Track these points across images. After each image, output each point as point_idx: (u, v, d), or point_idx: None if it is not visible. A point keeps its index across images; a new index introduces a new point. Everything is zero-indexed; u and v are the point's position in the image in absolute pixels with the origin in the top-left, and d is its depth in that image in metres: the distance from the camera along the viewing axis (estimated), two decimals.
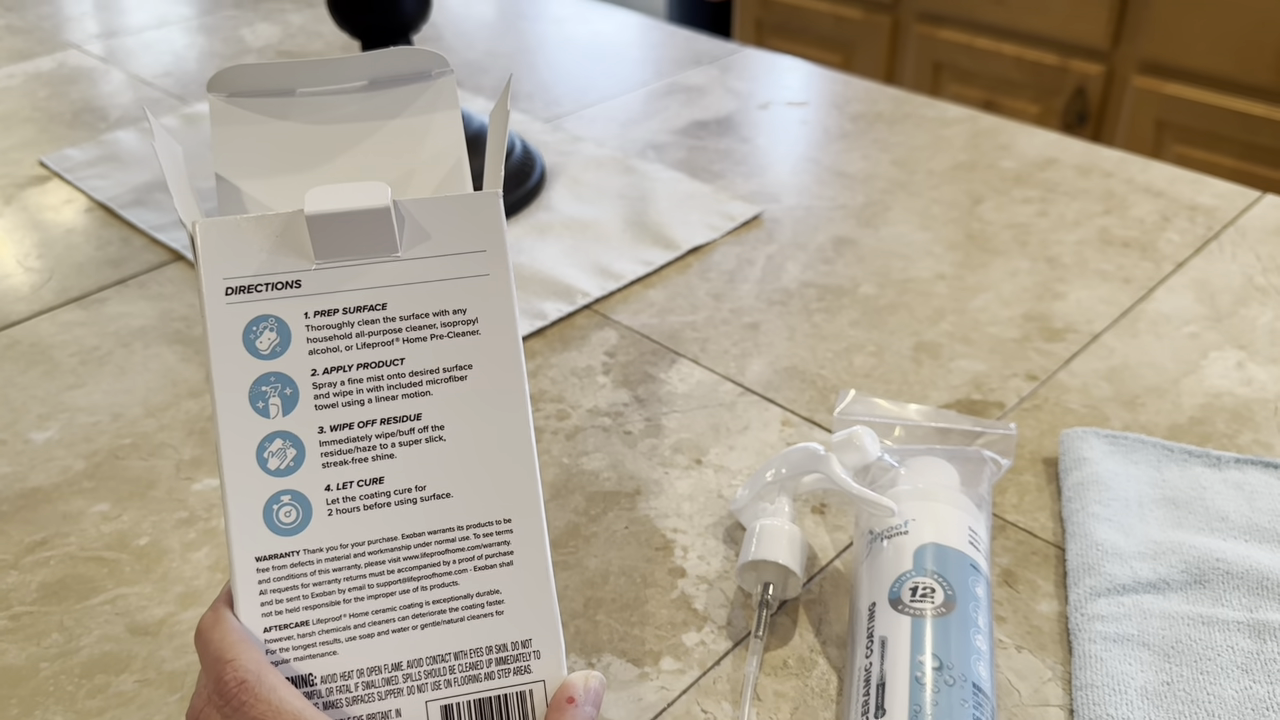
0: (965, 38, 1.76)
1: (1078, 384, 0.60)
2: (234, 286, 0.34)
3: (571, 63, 1.04)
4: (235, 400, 0.33)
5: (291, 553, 0.33)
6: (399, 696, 0.33)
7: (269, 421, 0.33)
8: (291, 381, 0.33)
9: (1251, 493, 0.51)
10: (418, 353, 0.34)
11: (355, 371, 0.34)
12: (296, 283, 0.34)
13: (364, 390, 0.34)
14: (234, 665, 0.31)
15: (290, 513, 0.33)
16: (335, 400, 0.34)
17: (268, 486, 0.33)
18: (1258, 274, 0.69)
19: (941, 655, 0.39)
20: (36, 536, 0.52)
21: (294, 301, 0.33)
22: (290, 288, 0.34)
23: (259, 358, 0.33)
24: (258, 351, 0.33)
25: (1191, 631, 0.44)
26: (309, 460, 0.33)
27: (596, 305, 0.68)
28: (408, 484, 0.34)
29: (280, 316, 0.33)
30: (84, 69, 1.02)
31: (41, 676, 0.45)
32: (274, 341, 0.33)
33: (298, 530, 0.33)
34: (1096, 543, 0.48)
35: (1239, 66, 1.51)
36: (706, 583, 0.49)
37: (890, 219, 0.76)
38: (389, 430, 0.34)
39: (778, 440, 0.57)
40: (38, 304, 0.69)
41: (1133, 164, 0.82)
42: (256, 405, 0.33)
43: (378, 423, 0.34)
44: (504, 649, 0.34)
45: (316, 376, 0.34)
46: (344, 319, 0.34)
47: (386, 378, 0.34)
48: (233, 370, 0.33)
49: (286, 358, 0.33)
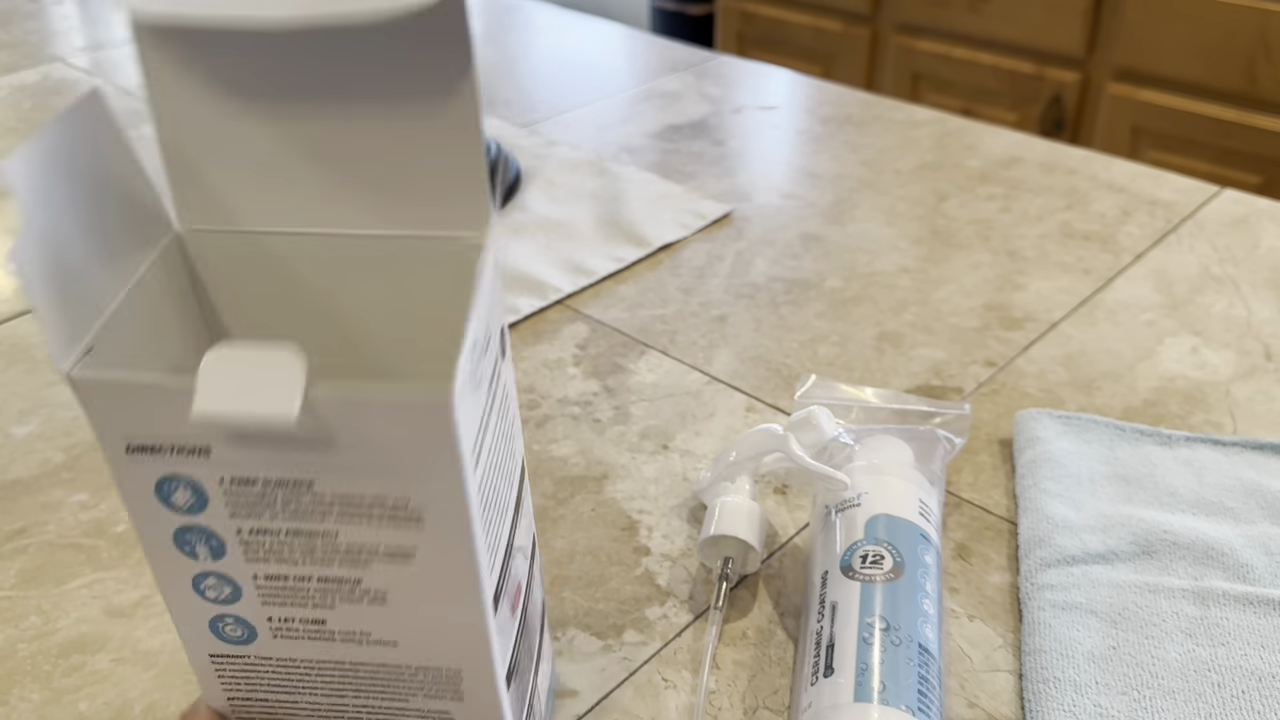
0: (943, 48, 1.79)
1: (1035, 370, 0.62)
2: (134, 446, 0.28)
3: (550, 70, 1.05)
4: (161, 544, 0.30)
5: (244, 655, 0.33)
6: None
7: (198, 563, 0.31)
8: (216, 535, 0.30)
9: (1200, 469, 0.53)
10: (353, 530, 0.29)
11: (284, 536, 0.30)
12: (206, 449, 0.28)
13: (296, 551, 0.30)
14: None
15: (236, 629, 0.32)
16: (266, 555, 0.30)
17: (210, 610, 0.32)
18: (1214, 264, 0.71)
19: (889, 617, 0.40)
20: (16, 525, 0.53)
21: (205, 468, 0.28)
22: (199, 454, 0.28)
23: (176, 512, 0.30)
24: (174, 506, 0.29)
25: (1138, 599, 0.46)
26: (246, 597, 0.31)
27: (568, 300, 0.69)
28: (351, 628, 0.31)
29: (193, 478, 0.29)
30: (68, 81, 1.04)
31: (19, 657, 0.46)
32: (190, 500, 0.29)
33: (246, 642, 0.32)
34: (1048, 516, 0.50)
35: (1211, 72, 1.54)
36: (670, 560, 0.50)
37: (857, 216, 0.78)
38: (327, 587, 0.31)
39: (743, 426, 0.58)
40: (19, 305, 0.70)
41: (1096, 161, 0.84)
42: (183, 549, 0.30)
43: (315, 580, 0.31)
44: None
45: (243, 535, 0.30)
46: (264, 489, 0.29)
47: (320, 546, 0.30)
48: (152, 520, 0.30)
49: (207, 514, 0.29)
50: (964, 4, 1.73)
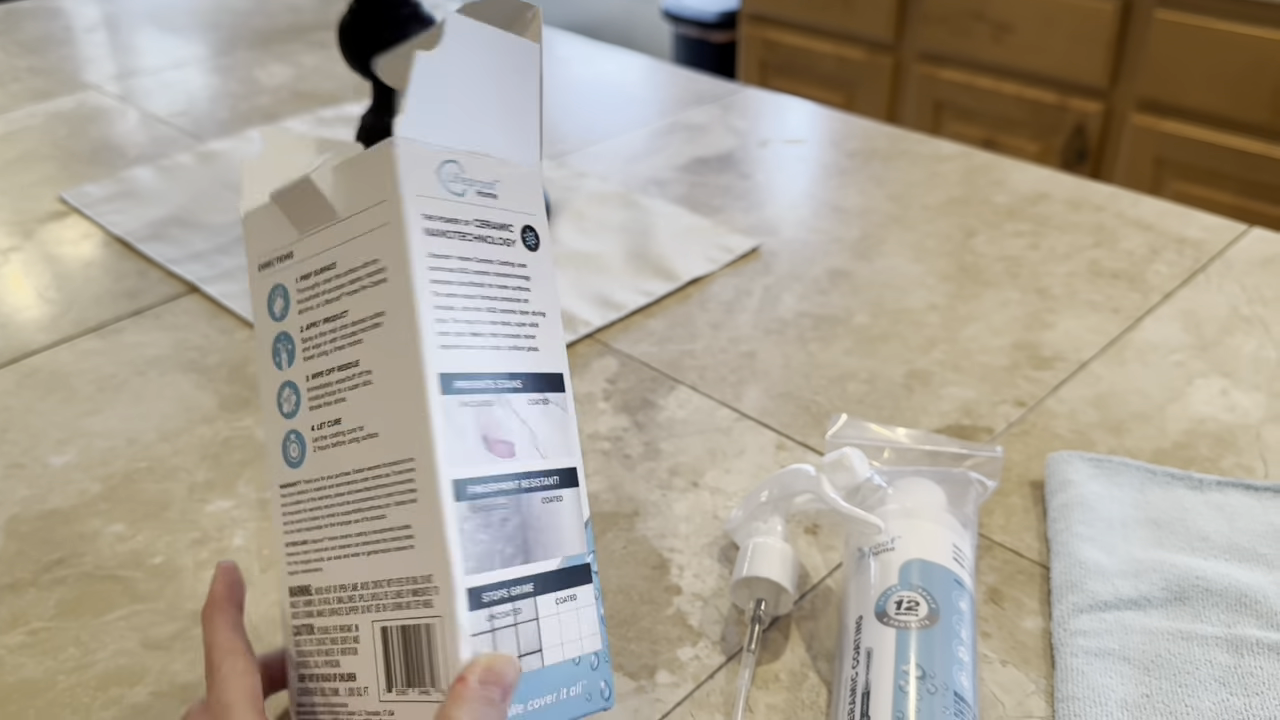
0: (966, 77, 1.79)
1: (1065, 410, 0.62)
2: (261, 263, 0.40)
3: (576, 102, 1.06)
4: (265, 356, 0.40)
5: (296, 482, 0.39)
6: (356, 614, 0.37)
7: (281, 373, 0.39)
8: (291, 338, 0.39)
9: (1232, 514, 0.53)
10: (354, 304, 0.37)
11: (322, 325, 0.38)
12: (290, 254, 0.39)
13: (325, 341, 0.38)
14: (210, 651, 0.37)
15: (295, 449, 0.39)
16: (313, 352, 0.38)
17: (283, 426, 0.39)
18: (1243, 304, 0.71)
19: (925, 665, 0.40)
20: (54, 556, 0.54)
21: (289, 270, 0.39)
22: (287, 259, 0.39)
23: (275, 320, 0.40)
24: (275, 315, 0.40)
25: (1171, 646, 0.46)
26: (303, 404, 0.39)
27: (598, 334, 0.70)
28: (355, 424, 0.37)
29: (284, 284, 0.39)
30: (102, 108, 1.05)
31: (58, 689, 0.47)
32: (283, 306, 0.39)
33: (299, 464, 0.39)
34: (1080, 561, 0.50)
35: (1236, 104, 1.54)
36: (701, 600, 0.50)
37: (885, 251, 0.78)
38: (342, 376, 0.37)
39: (772, 463, 0.58)
40: (57, 334, 0.71)
41: (1123, 198, 0.84)
42: (276, 360, 0.40)
43: (336, 370, 0.37)
44: (414, 581, 0.35)
45: (303, 332, 0.38)
46: (314, 280, 0.38)
47: (338, 329, 0.37)
48: (263, 331, 0.40)
49: (289, 318, 0.39)
50: (987, 34, 1.73)
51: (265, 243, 0.40)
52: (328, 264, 0.38)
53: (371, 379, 0.36)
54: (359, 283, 0.37)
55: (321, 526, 0.38)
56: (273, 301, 0.40)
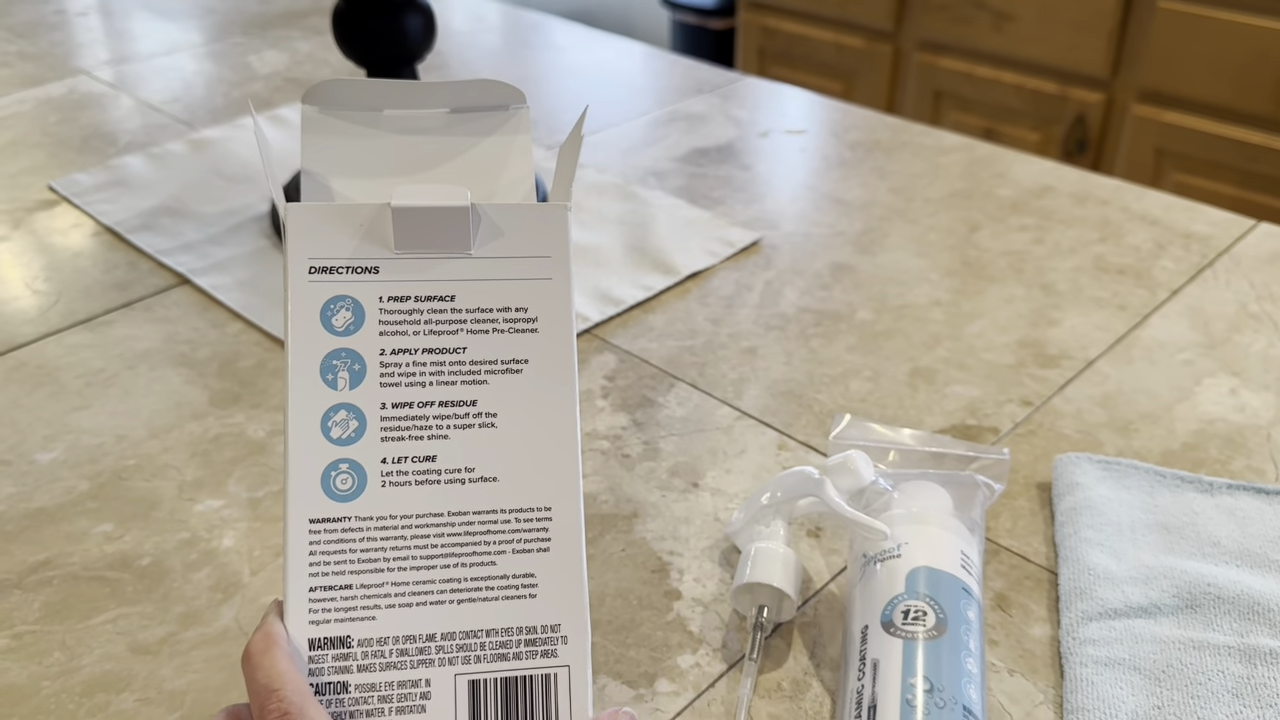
0: (966, 66, 1.78)
1: (1072, 410, 0.61)
2: (317, 266, 0.37)
3: (574, 91, 1.05)
4: (307, 371, 0.36)
5: (344, 518, 0.35)
6: (430, 667, 0.35)
7: (336, 393, 0.36)
8: (361, 358, 0.36)
9: (1243, 518, 0.52)
10: (479, 343, 0.36)
11: (420, 355, 0.36)
12: (375, 269, 0.37)
13: (426, 373, 0.36)
14: (279, 695, 0.32)
15: (347, 480, 0.36)
16: (399, 380, 0.36)
17: (329, 454, 0.36)
18: (1251, 301, 0.70)
19: (933, 678, 0.39)
20: (40, 556, 0.52)
21: (371, 285, 0.36)
22: (369, 273, 0.37)
23: (333, 334, 0.36)
24: (333, 328, 0.36)
25: (1182, 656, 0.45)
26: (369, 433, 0.36)
27: (596, 329, 0.68)
28: (459, 465, 0.36)
29: (357, 298, 0.36)
30: (93, 95, 1.03)
31: (43, 695, 0.46)
32: (349, 320, 0.36)
33: (352, 498, 0.35)
34: (1089, 567, 0.49)
35: (1237, 95, 1.53)
36: (702, 605, 0.49)
37: (887, 246, 0.77)
38: (446, 412, 0.36)
39: (774, 464, 0.57)
40: (45, 326, 0.69)
41: (1128, 192, 0.83)
42: (326, 377, 0.36)
43: (436, 404, 0.36)
44: (534, 631, 0.35)
45: (384, 356, 0.36)
46: (415, 305, 0.36)
47: (449, 364, 0.36)
48: (308, 343, 0.36)
49: (359, 336, 0.36)
50: (988, 22, 1.72)
51: (324, 245, 0.37)
52: (443, 294, 0.37)
53: (495, 422, 0.36)
54: (492, 325, 0.36)
55: (381, 570, 0.35)
56: (331, 312, 0.36)
